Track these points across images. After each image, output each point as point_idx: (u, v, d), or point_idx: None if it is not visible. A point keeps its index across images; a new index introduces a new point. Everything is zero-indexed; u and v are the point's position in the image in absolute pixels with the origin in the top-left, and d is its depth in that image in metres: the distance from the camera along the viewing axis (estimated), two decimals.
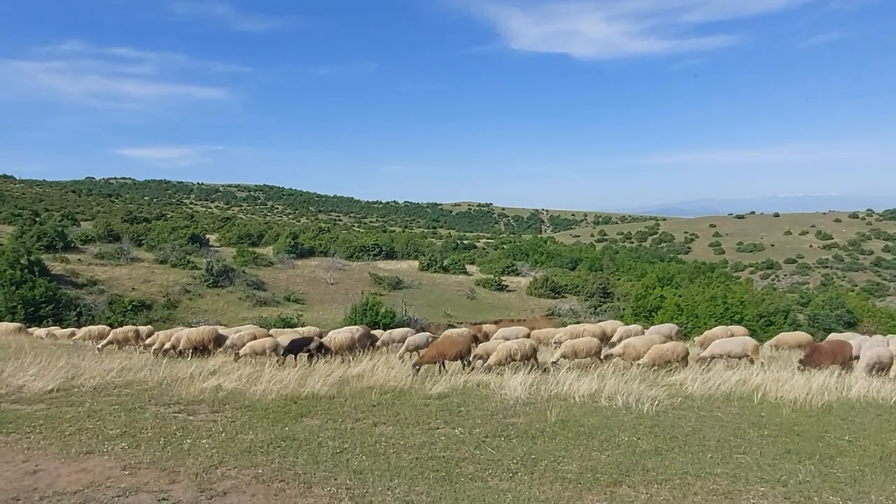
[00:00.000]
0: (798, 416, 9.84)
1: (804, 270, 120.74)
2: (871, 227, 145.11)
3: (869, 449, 8.23)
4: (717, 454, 7.95)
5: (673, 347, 13.64)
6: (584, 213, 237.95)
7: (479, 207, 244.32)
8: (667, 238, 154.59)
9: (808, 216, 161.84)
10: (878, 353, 13.25)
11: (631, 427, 9.07)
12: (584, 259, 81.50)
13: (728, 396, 11.05)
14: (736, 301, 39.57)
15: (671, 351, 13.44)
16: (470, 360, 13.19)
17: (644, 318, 40.10)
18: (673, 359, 13.39)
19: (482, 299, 52.04)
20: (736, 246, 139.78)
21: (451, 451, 8.03)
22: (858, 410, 10.22)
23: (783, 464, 7.63)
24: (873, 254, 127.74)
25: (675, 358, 13.41)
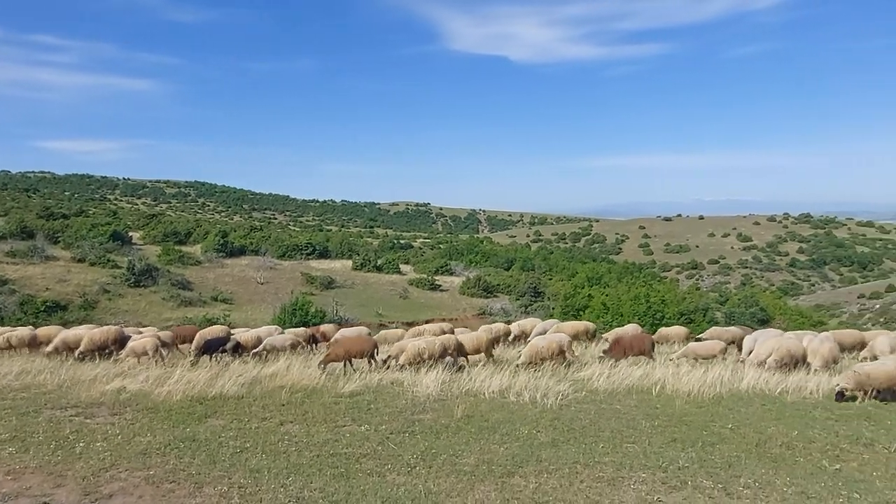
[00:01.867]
0: (690, 406, 10.43)
1: (726, 270, 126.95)
2: (787, 229, 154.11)
3: (748, 436, 8.83)
4: (608, 444, 8.35)
5: (548, 344, 13.77)
6: (521, 213, 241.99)
7: (417, 207, 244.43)
8: (599, 239, 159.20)
9: (731, 219, 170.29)
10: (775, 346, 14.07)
11: (533, 421, 9.39)
12: (519, 259, 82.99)
13: (630, 390, 11.57)
14: (658, 300, 41.24)
15: (546, 348, 13.62)
16: (376, 359, 13.25)
17: (572, 317, 41.25)
18: (548, 356, 13.52)
19: (415, 299, 52.16)
20: (664, 247, 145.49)
21: (354, 447, 8.10)
22: (746, 401, 10.93)
23: (668, 451, 8.10)
24: (789, 255, 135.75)
25: (549, 355, 13.54)
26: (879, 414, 10.20)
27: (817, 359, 12.88)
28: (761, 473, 7.39)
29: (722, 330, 18.30)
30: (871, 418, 9.89)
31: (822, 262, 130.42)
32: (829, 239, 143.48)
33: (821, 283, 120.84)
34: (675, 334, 18.35)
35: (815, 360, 12.92)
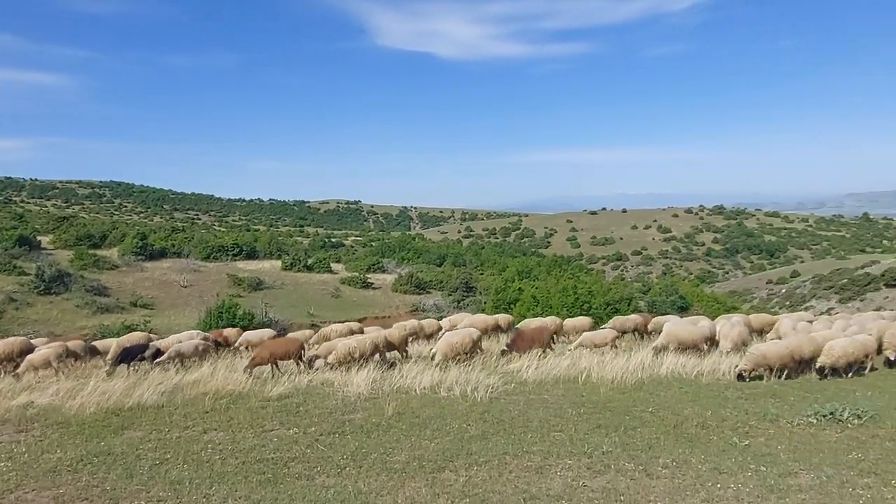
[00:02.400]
0: (614, 393, 10.83)
1: (648, 261, 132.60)
2: (702, 221, 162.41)
3: (667, 418, 9.26)
4: (536, 434, 8.55)
5: (461, 339, 13.58)
6: (452, 210, 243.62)
7: (348, 205, 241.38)
8: (529, 233, 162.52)
9: (652, 212, 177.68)
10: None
11: (464, 414, 9.48)
12: (450, 255, 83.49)
13: (557, 380, 11.88)
14: (585, 291, 42.51)
15: (459, 343, 13.45)
16: (304, 360, 13.01)
17: (504, 311, 41.94)
18: (462, 350, 13.38)
19: (347, 297, 51.54)
20: (590, 240, 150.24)
21: (282, 451, 7.92)
22: (665, 385, 11.46)
23: (592, 437, 8.38)
24: (705, 245, 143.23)
25: (463, 350, 13.40)
26: (784, 391, 10.93)
27: (728, 342, 13.67)
28: (678, 453, 7.77)
29: (624, 319, 19.05)
30: (777, 395, 10.59)
31: (735, 250, 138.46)
32: (741, 229, 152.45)
33: (734, 270, 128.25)
34: (581, 325, 18.76)
35: (726, 343, 13.71)
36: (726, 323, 14.87)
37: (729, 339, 13.68)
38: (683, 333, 14.17)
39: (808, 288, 73.52)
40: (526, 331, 15.47)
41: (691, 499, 6.35)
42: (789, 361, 11.72)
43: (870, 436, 8.29)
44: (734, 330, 13.97)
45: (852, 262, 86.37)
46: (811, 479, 6.78)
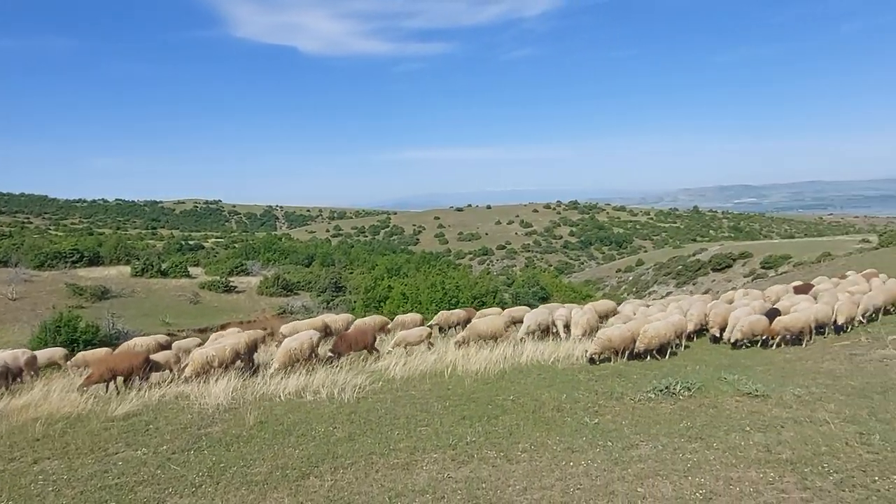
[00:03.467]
0: (478, 384, 11.20)
1: (512, 255, 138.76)
2: (560, 215, 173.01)
3: (526, 405, 9.73)
4: (403, 430, 8.61)
5: (299, 345, 13.01)
6: (320, 208, 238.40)
7: (207, 205, 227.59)
8: (398, 231, 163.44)
9: (514, 207, 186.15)
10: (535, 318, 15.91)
11: (330, 417, 9.31)
12: (319, 255, 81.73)
13: (424, 375, 12.05)
14: (453, 286, 43.59)
15: (298, 349, 12.90)
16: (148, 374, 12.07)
17: (374, 309, 41.82)
18: (301, 356, 12.80)
19: (208, 303, 48.61)
20: (457, 236, 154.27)
21: (128, 476, 7.28)
22: (525, 373, 12.05)
23: (457, 429, 8.60)
24: (562, 238, 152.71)
25: (302, 356, 12.83)
26: (628, 370, 11.96)
27: (578, 328, 14.70)
28: (536, 437, 8.21)
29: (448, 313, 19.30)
30: (622, 375, 11.55)
31: (589, 242, 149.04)
32: (593, 222, 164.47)
33: (588, 260, 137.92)
34: (411, 320, 18.68)
35: (577, 329, 14.73)
36: (577, 310, 15.99)
37: (579, 325, 14.71)
38: (483, 327, 15.16)
39: (650, 275, 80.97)
40: (349, 333, 14.85)
41: (547, 478, 6.73)
42: (630, 343, 12.84)
43: (697, 405, 9.29)
44: (583, 317, 15.05)
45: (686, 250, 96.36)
46: (649, 449, 7.46)
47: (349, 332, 14.93)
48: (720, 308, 15.86)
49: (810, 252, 62.38)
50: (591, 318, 15.05)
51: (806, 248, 69.82)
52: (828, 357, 12.91)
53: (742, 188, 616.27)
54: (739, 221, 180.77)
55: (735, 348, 14.29)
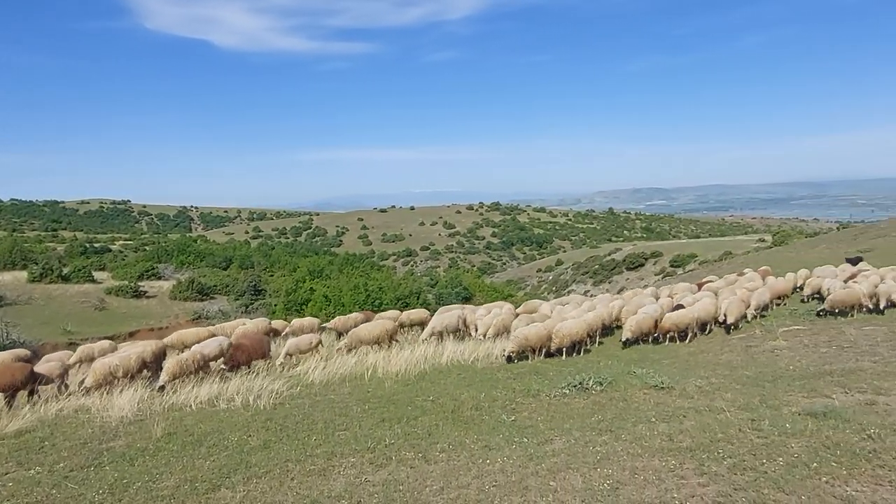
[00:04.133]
0: (398, 386, 11.19)
1: (436, 256, 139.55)
2: (482, 216, 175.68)
3: (446, 405, 9.81)
4: (321, 436, 8.47)
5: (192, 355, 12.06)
6: (239, 209, 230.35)
7: (115, 205, 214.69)
8: (320, 232, 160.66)
9: (437, 209, 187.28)
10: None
11: (244, 426, 9.03)
12: (237, 257, 79.01)
13: (344, 379, 11.93)
14: (376, 288, 43.32)
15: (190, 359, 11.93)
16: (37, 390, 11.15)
17: (296, 312, 40.91)
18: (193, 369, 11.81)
19: (115, 309, 45.96)
20: (381, 237, 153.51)
21: (19, 498, 6.76)
22: (445, 373, 12.15)
23: (376, 431, 8.55)
24: (485, 239, 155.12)
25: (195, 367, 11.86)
26: (545, 368, 12.31)
27: (491, 329, 15.04)
28: (455, 436, 8.29)
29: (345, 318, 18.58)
30: (539, 372, 11.88)
31: (510, 243, 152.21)
32: (515, 223, 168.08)
33: (510, 261, 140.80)
34: (309, 325, 18.10)
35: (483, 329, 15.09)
36: (494, 310, 16.37)
37: (493, 326, 15.02)
38: (363, 333, 14.88)
39: (569, 274, 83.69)
40: (244, 343, 13.43)
41: (464, 477, 6.81)
42: (546, 341, 13.22)
43: (608, 399, 9.69)
44: (498, 318, 15.43)
45: (602, 250, 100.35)
46: (563, 443, 7.71)
47: (244, 344, 13.35)
48: (630, 306, 16.62)
49: (714, 251, 66.48)
50: (505, 318, 15.37)
51: (710, 247, 74.37)
52: (726, 349, 13.81)
53: (653, 191, 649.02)
54: (651, 222, 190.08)
55: (626, 347, 14.78)
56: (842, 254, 32.34)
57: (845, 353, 11.99)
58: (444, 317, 16.35)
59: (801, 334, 14.57)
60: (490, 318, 15.43)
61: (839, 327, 14.87)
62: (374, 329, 15.16)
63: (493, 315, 15.69)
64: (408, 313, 19.11)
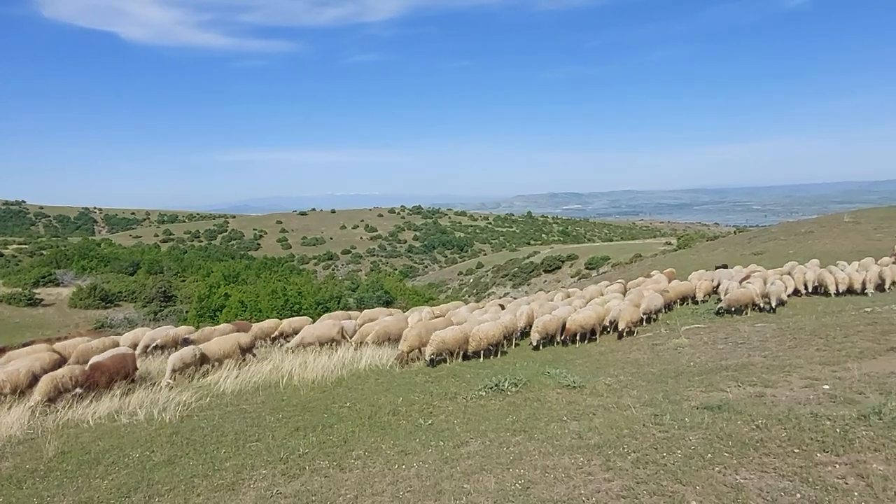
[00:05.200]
0: (314, 393, 10.97)
1: (357, 259, 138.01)
2: (404, 220, 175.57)
3: (363, 411, 9.71)
4: (231, 448, 8.17)
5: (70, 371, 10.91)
6: (148, 211, 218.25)
7: (7, 206, 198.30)
8: (237, 235, 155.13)
9: (359, 212, 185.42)
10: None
11: (147, 441, 8.56)
12: (146, 261, 74.99)
13: (258, 387, 11.56)
14: (295, 292, 42.32)
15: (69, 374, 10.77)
16: None
17: (209, 319, 39.29)
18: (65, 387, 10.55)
19: (7, 319, 42.42)
20: (301, 240, 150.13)
21: None
22: (363, 378, 12.03)
23: (290, 441, 8.34)
24: (406, 242, 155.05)
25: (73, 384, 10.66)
26: (462, 370, 12.43)
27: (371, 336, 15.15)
28: (371, 442, 8.22)
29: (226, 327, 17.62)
30: (457, 375, 11.98)
31: (432, 246, 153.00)
32: (436, 227, 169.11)
33: (432, 264, 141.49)
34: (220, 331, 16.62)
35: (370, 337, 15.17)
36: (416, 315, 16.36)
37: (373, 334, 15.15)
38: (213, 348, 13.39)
39: (489, 277, 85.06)
40: (105, 361, 11.67)
41: (379, 484, 6.75)
42: (464, 344, 13.37)
43: (523, 399, 9.91)
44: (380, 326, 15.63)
45: (521, 253, 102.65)
46: (478, 445, 7.80)
47: (105, 361, 11.64)
48: (544, 308, 17.10)
49: (625, 254, 69.54)
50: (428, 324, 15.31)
51: (622, 250, 77.79)
52: (635, 348, 14.47)
53: (570, 195, 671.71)
54: (567, 226, 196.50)
55: (535, 349, 15.05)
56: (738, 256, 34.77)
57: (739, 349, 12.86)
58: (318, 326, 15.72)
59: (701, 332, 15.50)
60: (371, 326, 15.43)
61: (735, 325, 15.95)
62: (222, 345, 13.48)
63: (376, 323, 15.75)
64: (289, 321, 17.86)
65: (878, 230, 36.89)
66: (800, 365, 10.44)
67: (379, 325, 16.05)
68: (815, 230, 41.60)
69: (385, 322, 16.28)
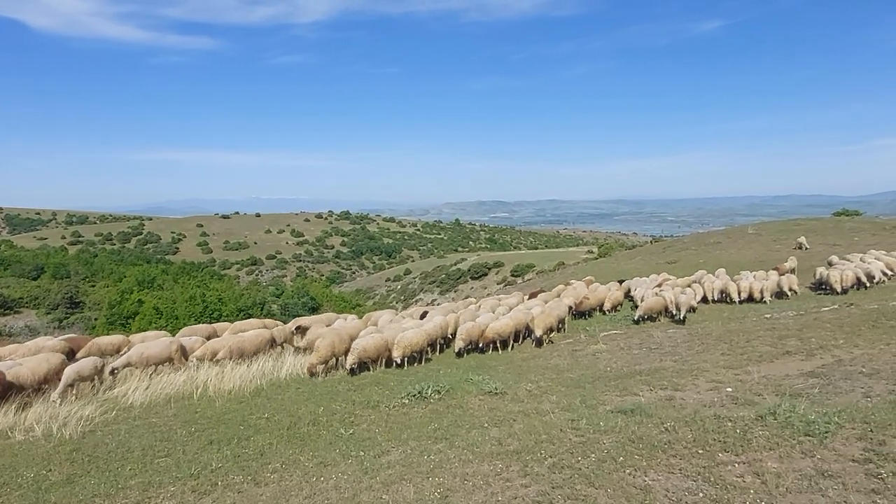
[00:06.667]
0: (231, 404, 10.57)
1: (283, 265, 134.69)
2: (332, 225, 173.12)
3: (282, 422, 9.44)
4: (137, 465, 7.73)
5: None
6: (54, 211, 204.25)
7: None
8: (153, 238, 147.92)
9: (285, 216, 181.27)
10: None
11: (43, 459, 7.98)
12: (51, 265, 70.20)
13: (169, 399, 11.01)
14: (215, 299, 40.81)
15: None
16: None
17: (121, 326, 37.26)
18: None
19: None
20: (223, 245, 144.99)
21: None
22: (284, 388, 11.70)
23: (202, 456, 7.99)
24: (334, 248, 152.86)
25: None
26: (386, 378, 12.33)
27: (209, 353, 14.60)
28: (289, 454, 8.00)
29: (255, 321, 18.01)
30: (380, 383, 11.87)
31: (360, 252, 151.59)
32: (364, 233, 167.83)
33: (360, 270, 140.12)
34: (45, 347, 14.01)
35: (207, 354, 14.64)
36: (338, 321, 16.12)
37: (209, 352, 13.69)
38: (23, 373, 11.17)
39: (417, 283, 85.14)
40: None
41: (295, 498, 6.58)
42: (386, 352, 13.29)
43: (446, 406, 9.94)
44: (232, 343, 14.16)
45: (449, 260, 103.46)
46: (399, 454, 7.75)
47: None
48: (466, 315, 17.27)
49: (549, 261, 71.32)
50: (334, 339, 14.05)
51: (546, 258, 79.82)
52: (555, 354, 14.85)
53: (497, 203, 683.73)
54: (494, 234, 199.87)
55: (459, 357, 14.97)
56: (654, 264, 36.42)
57: (652, 354, 13.46)
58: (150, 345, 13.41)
59: (618, 338, 16.11)
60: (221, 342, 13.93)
61: (649, 331, 16.69)
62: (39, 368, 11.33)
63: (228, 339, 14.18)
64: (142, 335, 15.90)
65: (777, 241, 39.64)
66: (706, 369, 11.04)
67: (231, 341, 14.00)
68: (722, 241, 44.21)
69: (238, 338, 14.23)
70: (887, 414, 6.76)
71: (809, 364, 10.75)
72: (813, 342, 12.46)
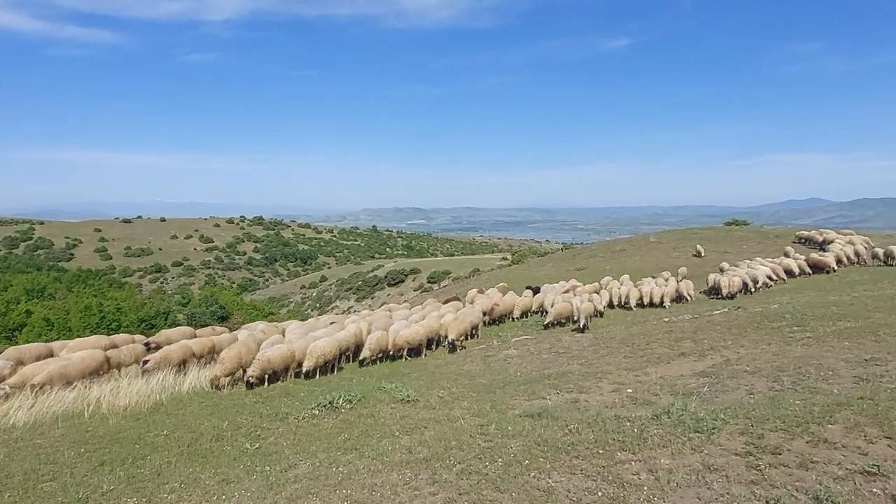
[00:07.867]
0: (126, 421, 9.94)
1: (190, 272, 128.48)
2: (244, 230, 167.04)
3: (182, 438, 8.99)
4: (18, 491, 7.12)
5: None
6: None
7: None
8: (45, 244, 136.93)
9: (193, 221, 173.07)
10: None
11: None
12: None
13: (57, 418, 10.20)
14: (112, 309, 38.44)
15: None
16: None
17: (6, 339, 34.27)
18: None
19: None
20: (124, 251, 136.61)
21: None
22: (186, 402, 11.14)
23: (92, 478, 7.47)
24: (246, 254, 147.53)
25: None
26: (296, 389, 12.04)
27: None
28: (189, 473, 7.63)
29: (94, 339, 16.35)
30: (290, 394, 11.58)
31: (274, 259, 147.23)
32: (278, 239, 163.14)
33: (273, 277, 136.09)
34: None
35: None
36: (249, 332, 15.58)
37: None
38: None
39: (333, 290, 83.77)
40: None
41: None
42: (293, 362, 12.99)
43: (357, 416, 9.83)
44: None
45: (365, 266, 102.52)
46: (307, 468, 7.58)
47: None
48: (381, 322, 17.19)
49: (465, 268, 72.34)
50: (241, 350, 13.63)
51: (462, 264, 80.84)
52: (468, 360, 15.03)
53: (414, 210, 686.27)
54: (411, 240, 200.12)
55: (363, 366, 14.84)
56: (564, 271, 37.74)
57: (560, 358, 13.92)
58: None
59: (528, 343, 16.54)
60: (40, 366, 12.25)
61: (558, 335, 17.26)
62: None
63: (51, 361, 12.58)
64: None
65: (676, 249, 42.19)
66: (610, 371, 11.55)
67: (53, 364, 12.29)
68: (627, 248, 46.53)
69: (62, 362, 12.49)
70: (766, 409, 7.34)
71: (702, 364, 11.49)
72: (705, 343, 13.34)
